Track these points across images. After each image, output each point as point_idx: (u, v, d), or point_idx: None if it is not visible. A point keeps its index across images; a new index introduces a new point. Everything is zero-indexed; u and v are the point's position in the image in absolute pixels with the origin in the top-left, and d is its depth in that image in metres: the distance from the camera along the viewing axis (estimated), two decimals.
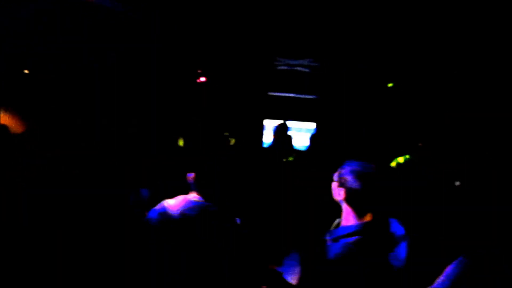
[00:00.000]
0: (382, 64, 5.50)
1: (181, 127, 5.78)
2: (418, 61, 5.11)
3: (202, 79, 5.99)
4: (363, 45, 4.59)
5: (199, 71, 5.85)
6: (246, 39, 4.78)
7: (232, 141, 4.93)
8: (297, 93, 7.25)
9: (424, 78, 5.51)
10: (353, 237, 1.68)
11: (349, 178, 1.73)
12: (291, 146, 5.19)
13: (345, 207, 1.76)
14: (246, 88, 6.87)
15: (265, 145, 7.52)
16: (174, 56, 5.35)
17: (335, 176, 1.82)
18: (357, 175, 1.72)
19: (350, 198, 1.73)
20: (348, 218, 1.75)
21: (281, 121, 7.32)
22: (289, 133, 6.68)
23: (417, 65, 5.28)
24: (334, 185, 1.81)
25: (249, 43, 4.91)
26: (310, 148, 5.15)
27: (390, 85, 5.89)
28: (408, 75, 5.74)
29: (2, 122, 4.33)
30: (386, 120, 6.06)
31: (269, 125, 7.63)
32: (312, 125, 7.83)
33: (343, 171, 1.78)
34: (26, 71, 4.55)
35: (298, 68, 5.95)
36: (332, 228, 1.84)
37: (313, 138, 5.29)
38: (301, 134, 7.92)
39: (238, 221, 2.04)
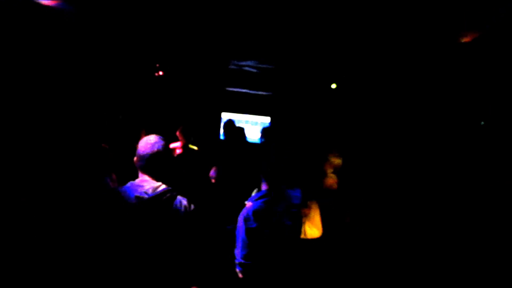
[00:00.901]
0: (325, 66, 6.00)
1: (140, 118, 6.15)
2: (360, 63, 5.59)
3: (160, 73, 6.35)
4: (304, 49, 5.07)
5: (157, 65, 6.21)
6: (203, 42, 5.20)
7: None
8: (250, 90, 7.72)
9: (365, 80, 6.05)
10: (265, 198, 2.47)
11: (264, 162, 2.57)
12: (244, 138, 5.70)
13: (263, 180, 2.56)
14: (204, 83, 7.28)
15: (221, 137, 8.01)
16: (133, 51, 5.69)
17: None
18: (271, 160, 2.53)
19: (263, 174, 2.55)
20: (263, 187, 2.56)
21: (233, 115, 7.88)
22: (242, 125, 7.19)
23: (359, 67, 5.78)
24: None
25: (206, 45, 5.33)
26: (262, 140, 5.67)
27: (333, 85, 6.43)
28: (350, 77, 6.26)
29: None
30: (327, 118, 6.62)
31: (227, 118, 8.11)
32: (267, 119, 8.34)
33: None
34: None
35: (247, 68, 6.44)
36: (252, 194, 2.67)
37: (264, 131, 5.80)
38: (257, 127, 8.45)
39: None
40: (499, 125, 3.81)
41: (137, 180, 1.99)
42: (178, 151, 5.02)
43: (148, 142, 2.02)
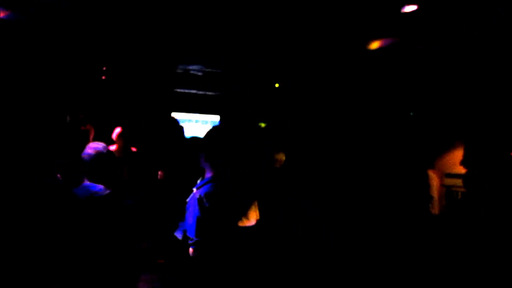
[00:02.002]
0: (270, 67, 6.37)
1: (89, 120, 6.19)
2: (302, 64, 5.98)
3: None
4: (247, 54, 5.42)
5: (104, 68, 6.31)
6: (151, 46, 5.42)
7: None
8: (198, 90, 7.98)
9: (307, 80, 6.48)
10: (212, 182, 2.76)
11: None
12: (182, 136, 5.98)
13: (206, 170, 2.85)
14: (153, 85, 7.44)
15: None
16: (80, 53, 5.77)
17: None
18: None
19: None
20: (207, 174, 2.84)
21: (182, 115, 8.10)
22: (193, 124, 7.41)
23: (301, 68, 6.18)
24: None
25: (154, 49, 5.55)
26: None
27: (276, 85, 6.84)
28: (293, 77, 6.68)
29: None
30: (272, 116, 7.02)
31: (178, 117, 8.32)
32: (217, 118, 8.63)
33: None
34: None
35: (193, 72, 6.73)
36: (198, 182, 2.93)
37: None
38: (207, 125, 8.71)
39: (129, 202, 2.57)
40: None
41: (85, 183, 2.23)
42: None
43: (91, 148, 2.27)
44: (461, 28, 3.72)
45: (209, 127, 8.68)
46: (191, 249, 2.64)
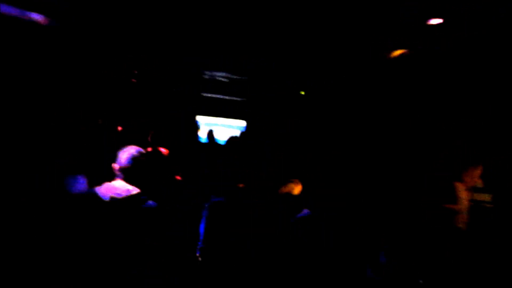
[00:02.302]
0: (295, 74, 6.45)
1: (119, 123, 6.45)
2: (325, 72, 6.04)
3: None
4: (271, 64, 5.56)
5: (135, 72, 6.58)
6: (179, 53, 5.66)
7: None
8: (224, 95, 8.17)
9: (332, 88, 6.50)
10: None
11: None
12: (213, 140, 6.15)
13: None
14: (180, 89, 7.68)
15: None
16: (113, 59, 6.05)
17: None
18: None
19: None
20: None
21: (208, 119, 8.31)
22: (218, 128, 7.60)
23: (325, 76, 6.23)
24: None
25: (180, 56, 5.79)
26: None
27: (302, 93, 6.90)
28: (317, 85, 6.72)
29: None
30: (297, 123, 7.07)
31: (203, 121, 8.55)
32: (242, 122, 8.78)
33: None
34: None
35: (219, 78, 6.91)
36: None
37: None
38: (231, 130, 8.87)
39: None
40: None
41: (112, 182, 2.31)
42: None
43: (127, 152, 2.37)
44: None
45: (234, 131, 8.92)
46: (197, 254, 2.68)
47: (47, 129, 4.55)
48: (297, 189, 3.70)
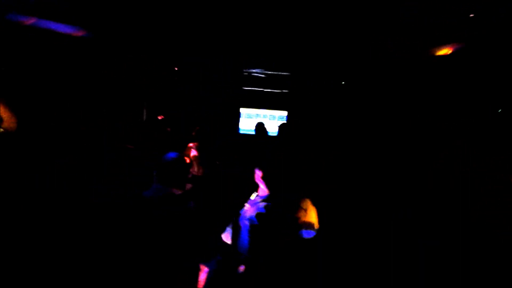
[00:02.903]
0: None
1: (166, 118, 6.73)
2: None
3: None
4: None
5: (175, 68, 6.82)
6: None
7: None
8: (264, 88, 8.26)
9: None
10: (266, 202, 2.75)
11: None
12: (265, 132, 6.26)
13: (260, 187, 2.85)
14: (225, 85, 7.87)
15: (241, 131, 8.54)
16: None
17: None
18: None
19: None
20: (260, 193, 2.85)
21: (250, 110, 8.40)
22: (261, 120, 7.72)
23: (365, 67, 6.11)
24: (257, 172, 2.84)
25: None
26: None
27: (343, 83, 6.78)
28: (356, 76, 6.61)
29: None
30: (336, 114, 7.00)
31: (245, 112, 8.68)
32: (284, 113, 8.76)
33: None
34: None
35: (255, 74, 7.02)
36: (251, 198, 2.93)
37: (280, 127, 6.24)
38: (274, 121, 8.91)
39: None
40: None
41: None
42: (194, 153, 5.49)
43: (165, 157, 2.53)
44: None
45: (277, 122, 8.96)
46: (242, 267, 2.68)
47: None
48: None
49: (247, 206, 2.85)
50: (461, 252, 2.38)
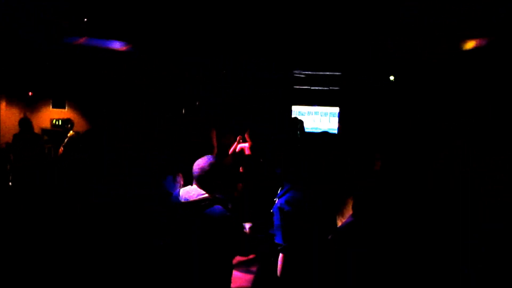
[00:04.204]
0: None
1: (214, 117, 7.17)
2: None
3: None
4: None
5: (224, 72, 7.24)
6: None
7: None
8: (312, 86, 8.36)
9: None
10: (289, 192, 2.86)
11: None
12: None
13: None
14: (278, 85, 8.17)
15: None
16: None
17: None
18: None
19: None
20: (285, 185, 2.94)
21: (301, 108, 8.47)
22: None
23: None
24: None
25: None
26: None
27: (391, 78, 6.58)
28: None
29: None
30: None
31: (297, 110, 8.81)
32: (335, 109, 8.73)
33: None
34: None
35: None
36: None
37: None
38: (326, 117, 8.90)
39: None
40: None
41: (189, 187, 2.57)
42: (247, 152, 5.70)
43: (201, 161, 2.55)
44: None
45: (328, 118, 8.94)
46: (280, 255, 2.75)
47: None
48: None
49: (275, 200, 2.96)
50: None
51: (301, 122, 6.43)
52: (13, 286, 2.08)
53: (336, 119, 8.83)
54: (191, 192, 2.44)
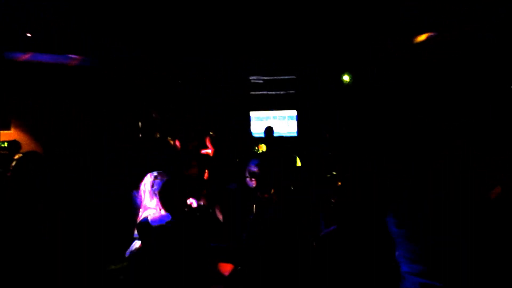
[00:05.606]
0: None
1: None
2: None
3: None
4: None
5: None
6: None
7: None
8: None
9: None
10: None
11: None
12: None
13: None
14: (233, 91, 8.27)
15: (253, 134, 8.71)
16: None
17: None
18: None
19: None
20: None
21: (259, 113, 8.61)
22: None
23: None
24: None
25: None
26: None
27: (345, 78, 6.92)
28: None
29: None
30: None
31: (254, 116, 8.95)
32: (293, 112, 8.95)
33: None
34: None
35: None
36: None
37: None
38: (284, 121, 9.08)
39: None
40: None
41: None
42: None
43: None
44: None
45: (287, 122, 9.11)
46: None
47: None
48: None
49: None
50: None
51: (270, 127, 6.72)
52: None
53: (295, 122, 9.13)
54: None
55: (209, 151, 5.61)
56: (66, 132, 6.67)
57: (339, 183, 3.31)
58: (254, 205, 2.66)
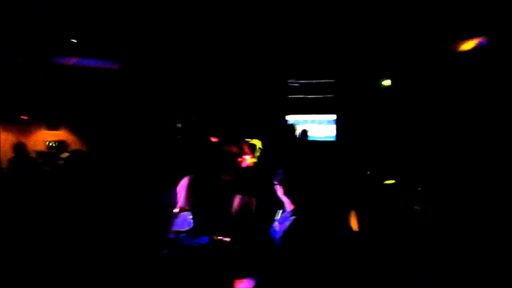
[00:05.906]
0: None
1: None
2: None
3: None
4: None
5: None
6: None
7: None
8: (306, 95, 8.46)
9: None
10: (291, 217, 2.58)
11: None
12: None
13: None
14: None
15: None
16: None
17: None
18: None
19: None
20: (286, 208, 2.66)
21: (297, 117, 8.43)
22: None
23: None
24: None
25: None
26: None
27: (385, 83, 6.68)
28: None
29: None
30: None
31: (292, 119, 8.79)
32: (332, 117, 8.69)
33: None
34: None
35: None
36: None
37: None
38: (323, 125, 8.84)
39: None
40: None
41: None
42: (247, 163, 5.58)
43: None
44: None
45: (325, 127, 8.86)
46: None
47: None
48: None
49: (276, 224, 2.66)
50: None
51: (304, 130, 6.60)
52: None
53: (334, 126, 8.87)
54: None
55: (247, 157, 5.54)
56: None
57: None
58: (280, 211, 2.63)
